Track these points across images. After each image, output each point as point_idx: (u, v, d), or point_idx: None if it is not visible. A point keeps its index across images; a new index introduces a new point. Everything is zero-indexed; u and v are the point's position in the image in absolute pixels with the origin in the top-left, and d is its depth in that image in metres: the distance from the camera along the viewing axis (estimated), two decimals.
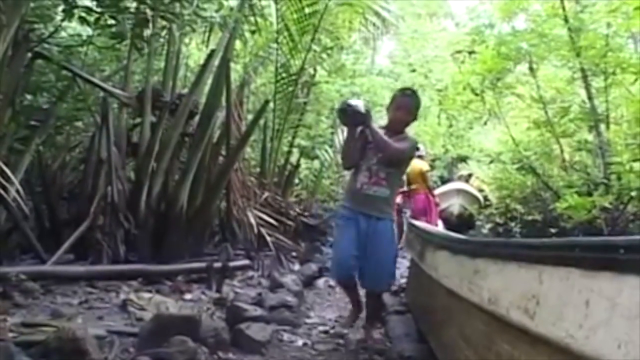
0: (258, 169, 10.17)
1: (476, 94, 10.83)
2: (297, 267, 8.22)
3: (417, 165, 11.15)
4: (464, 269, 2.61)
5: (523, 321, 1.78)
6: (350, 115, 4.52)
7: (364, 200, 4.70)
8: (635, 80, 8.59)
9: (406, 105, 4.84)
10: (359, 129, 4.65)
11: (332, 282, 7.18)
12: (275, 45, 10.28)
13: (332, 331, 5.09)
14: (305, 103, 10.97)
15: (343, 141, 5.23)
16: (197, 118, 7.71)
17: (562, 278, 1.56)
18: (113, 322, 4.53)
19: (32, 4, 6.60)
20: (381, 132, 4.67)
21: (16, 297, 4.92)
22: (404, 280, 6.84)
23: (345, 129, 4.85)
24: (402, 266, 7.97)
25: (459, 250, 2.86)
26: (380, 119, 7.30)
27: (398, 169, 4.87)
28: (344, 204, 4.92)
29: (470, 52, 11.45)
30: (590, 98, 9.43)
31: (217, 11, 7.15)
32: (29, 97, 7.55)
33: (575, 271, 1.49)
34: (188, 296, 5.76)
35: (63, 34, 7.95)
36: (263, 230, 8.34)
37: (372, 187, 4.70)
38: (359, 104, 4.56)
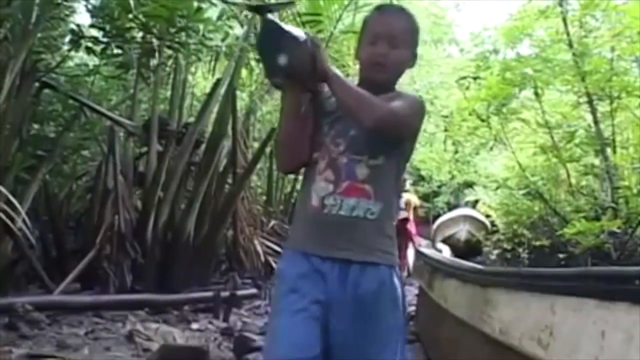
0: (264, 197, 10.16)
1: (482, 120, 10.82)
2: None
3: (411, 200, 11.31)
4: (474, 299, 2.58)
5: (536, 352, 1.75)
6: (289, 53, 2.03)
7: (328, 230, 2.15)
8: None
9: (391, 30, 2.26)
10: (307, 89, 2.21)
11: None
12: None
13: None
14: None
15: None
16: (203, 147, 7.72)
17: (576, 309, 1.54)
18: (120, 353, 4.50)
19: (39, 35, 6.66)
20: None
21: (22, 328, 4.89)
22: (412, 308, 6.78)
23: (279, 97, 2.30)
24: (410, 294, 7.91)
25: (469, 279, 2.83)
26: None
27: (396, 156, 2.24)
28: (287, 245, 2.34)
29: (475, 78, 11.44)
30: (596, 122, 9.41)
31: (222, 40, 7.20)
32: (36, 126, 7.59)
33: (589, 302, 1.47)
34: (195, 326, 5.71)
35: (70, 63, 8.03)
36: (270, 259, 8.31)
37: (345, 201, 2.13)
38: (300, 34, 2.11)
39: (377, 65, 2.24)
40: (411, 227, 10.91)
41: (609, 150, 9.39)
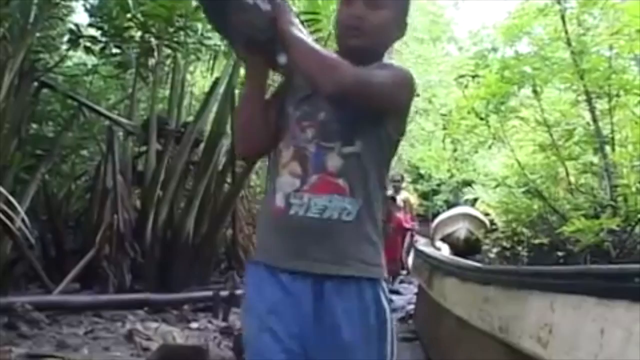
0: (264, 196, 10.17)
1: (481, 118, 10.80)
2: None
3: (409, 198, 11.34)
4: (473, 297, 2.58)
5: (536, 350, 1.75)
6: (240, 17, 1.70)
7: (295, 237, 1.78)
8: (639, 101, 8.58)
9: None
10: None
11: None
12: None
13: None
14: None
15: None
16: (202, 146, 7.72)
17: (576, 306, 1.54)
18: (119, 353, 4.50)
19: (37, 34, 6.66)
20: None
21: (22, 328, 4.89)
22: (411, 307, 6.78)
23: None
24: (409, 292, 7.93)
25: (468, 277, 2.83)
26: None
27: (377, 141, 1.82)
28: (251, 260, 1.98)
29: (474, 76, 11.43)
30: (594, 120, 9.40)
31: (221, 39, 7.19)
32: (34, 126, 7.59)
33: (588, 299, 1.47)
34: (194, 325, 5.71)
35: (68, 63, 8.03)
36: None
37: (314, 199, 1.76)
38: None
39: (351, 29, 1.84)
40: (406, 220, 10.80)
41: (607, 148, 9.38)
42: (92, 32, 7.08)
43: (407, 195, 11.53)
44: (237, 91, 8.23)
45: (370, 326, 1.74)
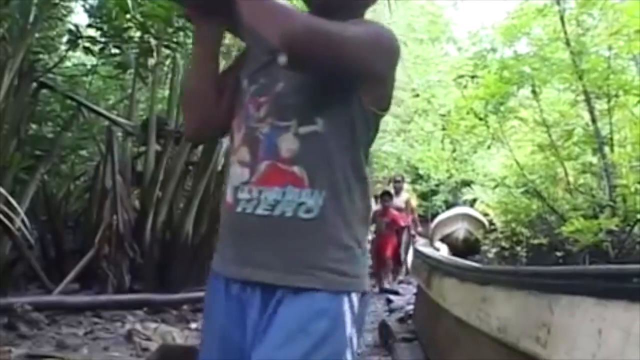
0: None
1: (480, 119, 10.82)
2: None
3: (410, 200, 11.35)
4: (472, 297, 2.59)
5: (534, 350, 1.76)
6: None
7: (244, 239, 1.48)
8: (638, 102, 8.59)
9: None
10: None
11: None
12: None
13: None
14: None
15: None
16: (201, 146, 7.72)
17: (574, 307, 1.55)
18: (118, 353, 4.50)
19: (37, 35, 6.66)
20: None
21: (21, 328, 4.89)
22: (410, 307, 6.79)
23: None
24: (409, 292, 7.94)
25: (467, 277, 2.84)
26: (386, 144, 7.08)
27: (346, 118, 1.45)
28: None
29: (473, 77, 11.46)
30: (593, 120, 9.42)
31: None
32: (34, 126, 7.59)
33: (587, 300, 1.48)
34: (194, 325, 5.71)
35: (68, 63, 8.03)
36: None
37: (265, 193, 1.43)
38: None
39: None
40: (403, 219, 10.75)
41: (606, 149, 9.39)
42: (92, 32, 7.08)
43: (408, 196, 11.52)
44: None
45: (307, 351, 1.34)
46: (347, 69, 1.39)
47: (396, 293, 8.79)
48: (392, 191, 10.69)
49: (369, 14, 1.63)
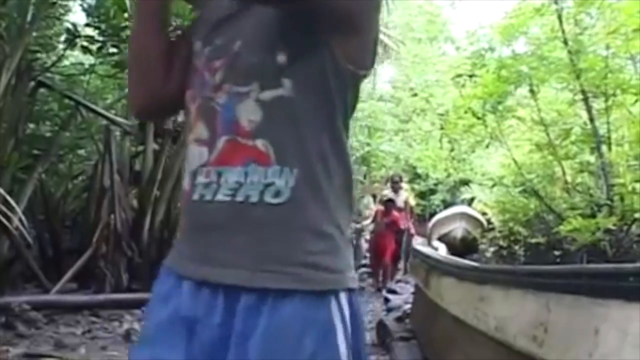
0: None
1: (478, 118, 10.82)
2: None
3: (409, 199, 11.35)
4: (469, 296, 2.59)
5: (531, 349, 1.76)
6: None
7: (202, 231, 1.22)
8: (636, 101, 8.59)
9: None
10: None
11: None
12: None
13: None
14: None
15: None
16: None
17: (571, 306, 1.55)
18: (116, 352, 4.50)
19: (35, 34, 6.65)
20: None
21: (19, 327, 4.89)
22: (408, 306, 6.79)
23: None
24: (407, 292, 7.94)
25: (465, 277, 2.84)
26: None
27: (320, 77, 1.19)
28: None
29: (471, 76, 11.47)
30: (591, 120, 9.42)
31: None
32: (31, 126, 7.58)
33: (583, 299, 1.48)
34: None
35: (65, 62, 8.02)
36: None
37: (225, 175, 1.17)
38: None
39: None
40: (403, 220, 10.74)
41: (604, 148, 9.40)
42: (90, 31, 7.08)
43: (407, 195, 11.53)
44: None
45: None
46: (320, 12, 1.12)
47: (394, 292, 8.79)
48: (391, 191, 10.70)
49: None
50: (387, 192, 10.75)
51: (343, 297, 1.16)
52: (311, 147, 1.16)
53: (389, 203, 10.20)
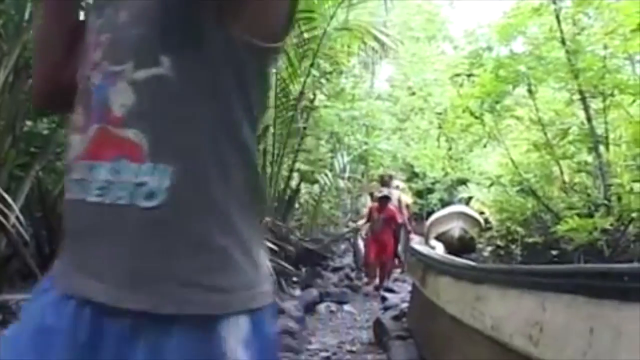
0: None
1: (475, 117, 10.84)
2: (298, 292, 8.16)
3: (402, 197, 11.36)
4: (466, 295, 2.60)
5: (526, 348, 1.77)
6: None
7: (78, 240, 1.01)
8: (634, 101, 8.61)
9: None
10: None
11: (333, 307, 7.14)
12: (274, 71, 10.30)
13: (334, 357, 5.05)
14: (304, 128, 10.97)
15: None
16: None
17: (566, 305, 1.55)
18: None
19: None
20: None
21: None
22: (405, 305, 6.80)
23: None
24: (404, 290, 7.95)
25: (462, 276, 2.85)
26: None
27: (212, 48, 0.95)
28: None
29: (469, 75, 11.47)
30: (589, 119, 9.44)
31: None
32: (29, 123, 7.57)
33: (579, 298, 1.49)
34: None
35: None
36: None
37: (96, 171, 0.95)
38: None
39: None
40: (400, 217, 10.75)
41: (602, 148, 9.42)
42: None
43: (399, 193, 11.55)
44: None
45: None
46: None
47: (391, 291, 8.81)
48: (385, 191, 10.70)
49: (365, 14, 1.60)
50: (383, 189, 10.77)
51: (243, 321, 0.94)
52: (196, 139, 0.94)
53: (383, 199, 10.19)
